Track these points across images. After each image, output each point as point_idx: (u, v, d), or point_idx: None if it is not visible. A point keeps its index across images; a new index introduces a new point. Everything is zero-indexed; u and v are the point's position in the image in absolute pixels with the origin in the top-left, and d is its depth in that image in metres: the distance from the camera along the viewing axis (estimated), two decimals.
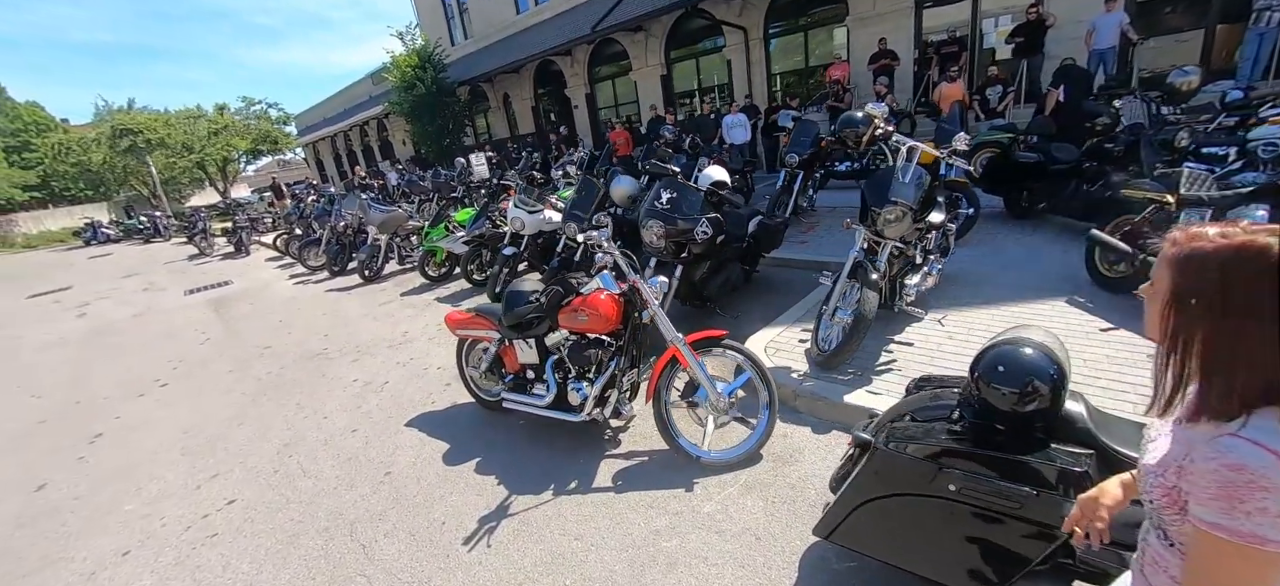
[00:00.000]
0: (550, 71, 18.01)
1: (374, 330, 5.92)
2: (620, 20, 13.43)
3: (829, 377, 3.29)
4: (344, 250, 9.19)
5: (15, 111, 43.55)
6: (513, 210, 5.79)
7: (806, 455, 2.84)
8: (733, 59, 13.39)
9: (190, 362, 5.89)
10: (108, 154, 26.67)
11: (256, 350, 5.93)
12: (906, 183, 3.17)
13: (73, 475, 3.81)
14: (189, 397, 4.89)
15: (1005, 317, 3.70)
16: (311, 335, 6.14)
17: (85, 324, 8.63)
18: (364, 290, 7.90)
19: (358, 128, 27.32)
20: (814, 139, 6.05)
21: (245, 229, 13.48)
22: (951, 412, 1.83)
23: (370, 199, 8.53)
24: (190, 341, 6.71)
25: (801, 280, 5.39)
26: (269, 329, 6.68)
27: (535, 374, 3.30)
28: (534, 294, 3.20)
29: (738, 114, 9.96)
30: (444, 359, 4.78)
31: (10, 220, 30.84)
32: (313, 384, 4.73)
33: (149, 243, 20.59)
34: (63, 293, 11.91)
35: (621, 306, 2.90)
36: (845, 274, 3.33)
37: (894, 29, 10.79)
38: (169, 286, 10.84)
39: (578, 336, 3.00)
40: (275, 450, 3.69)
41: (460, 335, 3.63)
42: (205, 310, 8.27)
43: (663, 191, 3.94)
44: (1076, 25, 9.01)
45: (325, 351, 5.51)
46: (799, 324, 4.09)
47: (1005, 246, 5.13)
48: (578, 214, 4.98)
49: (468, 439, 3.45)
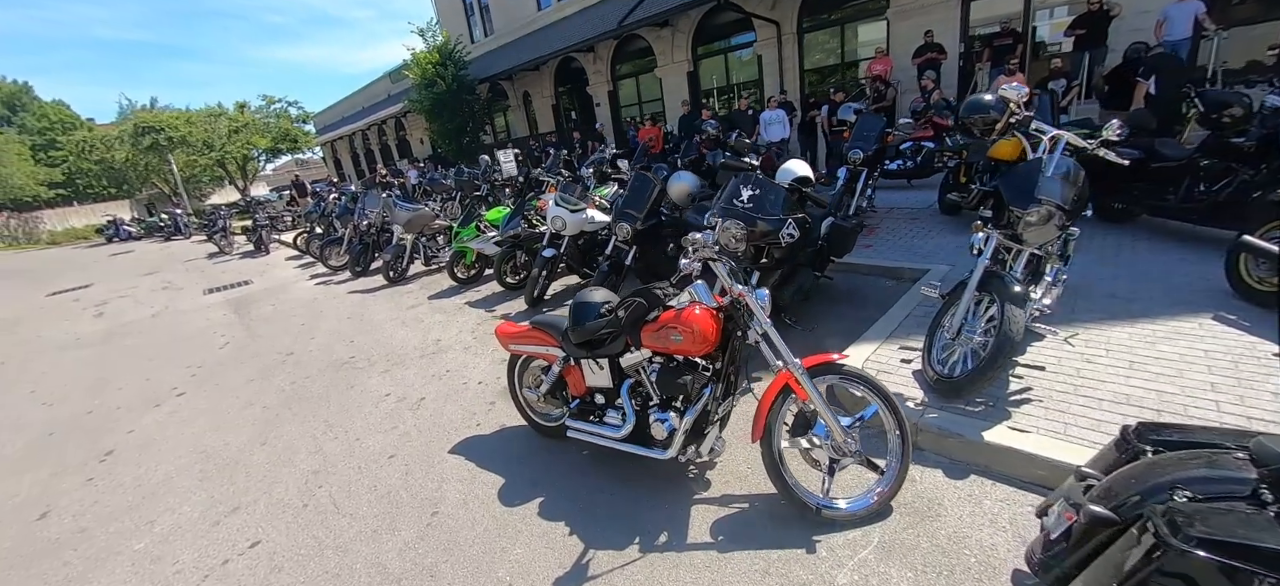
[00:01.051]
0: (571, 68, 17.56)
1: (403, 337, 5.45)
2: (648, 14, 12.91)
3: (953, 408, 2.75)
4: (367, 250, 8.77)
5: (41, 110, 44.14)
6: (553, 209, 5.30)
7: (948, 507, 2.31)
8: (764, 54, 12.82)
9: (209, 368, 5.47)
10: (130, 152, 26.63)
11: (278, 357, 5.49)
12: (1054, 177, 2.62)
13: (79, 501, 3.37)
14: (207, 410, 4.45)
15: (1147, 337, 3.14)
16: (336, 341, 5.69)
17: (103, 324, 8.29)
18: (389, 292, 7.45)
19: (376, 127, 27.10)
20: (879, 133, 5.50)
21: (265, 227, 13.16)
22: (1257, 493, 1.30)
23: (396, 197, 8.09)
24: (209, 345, 6.30)
25: (871, 287, 4.87)
26: (291, 333, 6.25)
27: (606, 399, 2.80)
28: (605, 306, 2.70)
29: (776, 110, 9.41)
30: (484, 372, 4.30)
31: (36, 217, 30.98)
32: (340, 398, 4.27)
33: (169, 240, 20.42)
34: (83, 290, 11.63)
35: (720, 324, 2.39)
36: (973, 285, 2.79)
37: (939, 22, 10.17)
38: (188, 285, 10.50)
39: (665, 359, 2.50)
40: (303, 478, 3.22)
41: (514, 351, 3.13)
42: (225, 311, 7.88)
43: (742, 188, 3.42)
44: (1142, 16, 8.37)
45: (352, 360, 5.05)
46: (894, 340, 3.55)
47: (1111, 254, 4.54)
48: (630, 213, 4.47)
49: (525, 472, 2.96)
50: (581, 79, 17.30)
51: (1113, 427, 2.46)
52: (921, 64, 9.80)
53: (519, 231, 5.88)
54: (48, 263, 18.56)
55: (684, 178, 4.83)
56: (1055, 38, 9.77)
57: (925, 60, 9.74)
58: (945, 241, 5.41)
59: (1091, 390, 2.75)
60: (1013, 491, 2.35)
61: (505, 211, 6.83)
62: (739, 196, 3.41)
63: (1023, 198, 2.62)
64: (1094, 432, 2.45)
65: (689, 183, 4.79)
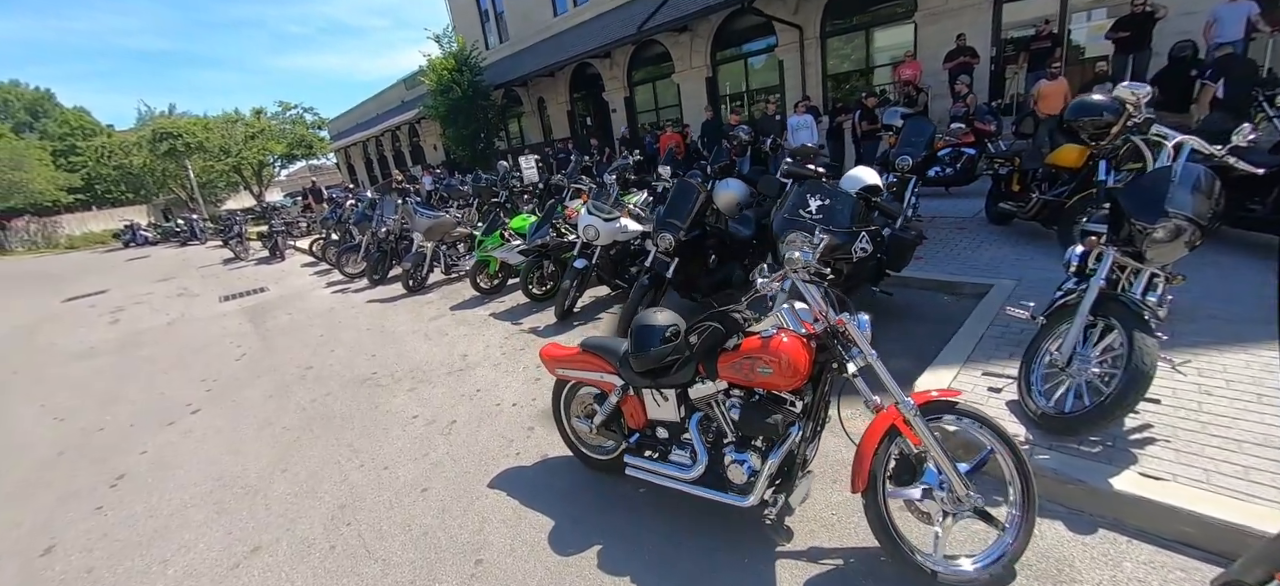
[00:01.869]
0: (587, 74, 17.35)
1: (427, 351, 5.16)
2: (668, 19, 12.66)
3: (1064, 448, 2.41)
4: (385, 258, 8.53)
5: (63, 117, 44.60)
6: (585, 217, 5.00)
7: (1081, 570, 1.97)
8: (785, 59, 12.54)
9: (224, 382, 5.20)
10: (148, 157, 26.72)
11: (297, 371, 5.22)
12: (1185, 188, 2.28)
13: (87, 533, 3.09)
14: (223, 429, 4.17)
15: (1268, 364, 2.78)
16: (357, 354, 5.41)
17: (118, 331, 8.08)
18: (409, 302, 7.18)
19: (390, 133, 27.05)
20: (929, 139, 5.16)
21: (281, 233, 12.97)
22: None
23: (416, 203, 7.83)
24: (224, 356, 6.04)
25: (927, 303, 4.53)
26: (309, 345, 5.98)
27: (670, 434, 2.48)
28: (670, 330, 2.38)
29: (804, 115, 9.09)
30: (518, 392, 3.99)
31: (55, 221, 31.22)
32: (365, 419, 3.97)
33: (185, 246, 20.35)
34: (99, 296, 11.47)
35: (812, 353, 2.07)
36: (1086, 308, 2.45)
37: (970, 25, 9.84)
38: (203, 292, 10.30)
39: (746, 392, 2.18)
40: (329, 513, 2.92)
41: (561, 375, 2.82)
42: (240, 320, 7.64)
43: (810, 198, 3.10)
44: (1188, 17, 7.99)
45: (375, 376, 4.76)
46: (974, 366, 3.20)
47: (1193, 268, 4.17)
48: (673, 222, 4.16)
49: (576, 512, 2.64)
50: (597, 85, 17.08)
51: (1265, 476, 2.11)
52: (953, 68, 9.47)
53: (547, 240, 5.58)
54: (66, 267, 18.53)
55: (732, 185, 4.52)
56: (1093, 40, 9.39)
57: (957, 64, 9.40)
58: (1001, 253, 5.05)
59: (1223, 428, 2.39)
60: (1157, 552, 2.00)
61: (531, 219, 6.55)
62: (806, 206, 3.09)
63: (1149, 211, 2.28)
64: (1244, 481, 2.10)
65: (737, 191, 4.48)
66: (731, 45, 13.83)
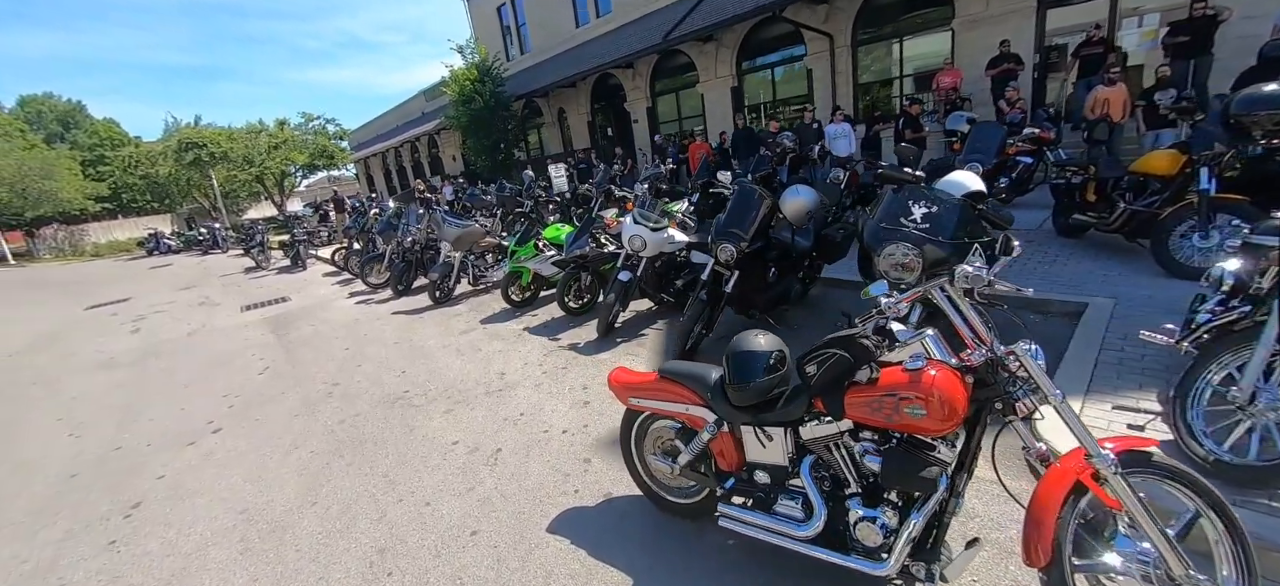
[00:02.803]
0: (608, 85, 17.14)
1: (461, 368, 4.82)
2: (694, 28, 12.39)
3: (1254, 504, 1.98)
4: (409, 268, 8.24)
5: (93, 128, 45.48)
6: (631, 227, 4.65)
7: None
8: (814, 68, 12.19)
9: (247, 398, 4.90)
10: (173, 167, 26.98)
11: (323, 387, 4.90)
12: None
13: (97, 575, 2.75)
14: (246, 452, 3.84)
15: None
16: (386, 370, 5.08)
17: (138, 341, 7.86)
18: (436, 314, 6.87)
19: (409, 144, 27.10)
20: (1000, 144, 4.76)
21: (303, 242, 12.81)
22: None
23: (444, 212, 7.55)
24: (247, 369, 5.75)
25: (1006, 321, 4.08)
26: (335, 358, 5.67)
27: (772, 479, 2.09)
28: (775, 356, 2.00)
29: (841, 123, 8.72)
30: (566, 416, 3.62)
31: (83, 229, 31.61)
32: (400, 444, 3.62)
33: (207, 254, 20.37)
34: (121, 304, 11.34)
35: (969, 391, 1.68)
36: (1270, 338, 2.03)
37: (1013, 31, 9.42)
38: (225, 301, 10.10)
39: (881, 435, 1.79)
40: (366, 559, 2.56)
41: (635, 406, 2.44)
42: (263, 330, 7.38)
43: (913, 205, 2.71)
44: (1253, 21, 7.54)
45: (407, 395, 4.42)
46: (1100, 398, 2.78)
47: None
48: (735, 232, 3.79)
49: (658, 570, 2.25)
50: (618, 95, 16.87)
51: None
52: (996, 75, 9.05)
53: (586, 251, 5.24)
54: (90, 274, 18.58)
55: (801, 193, 4.14)
56: (1145, 45, 8.94)
57: (1001, 71, 8.98)
58: (1084, 268, 4.62)
59: None
60: None
61: (565, 230, 6.22)
62: (907, 214, 2.71)
63: None
64: None
65: (807, 199, 4.10)
66: (758, 55, 13.53)
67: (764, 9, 10.96)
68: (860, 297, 2.12)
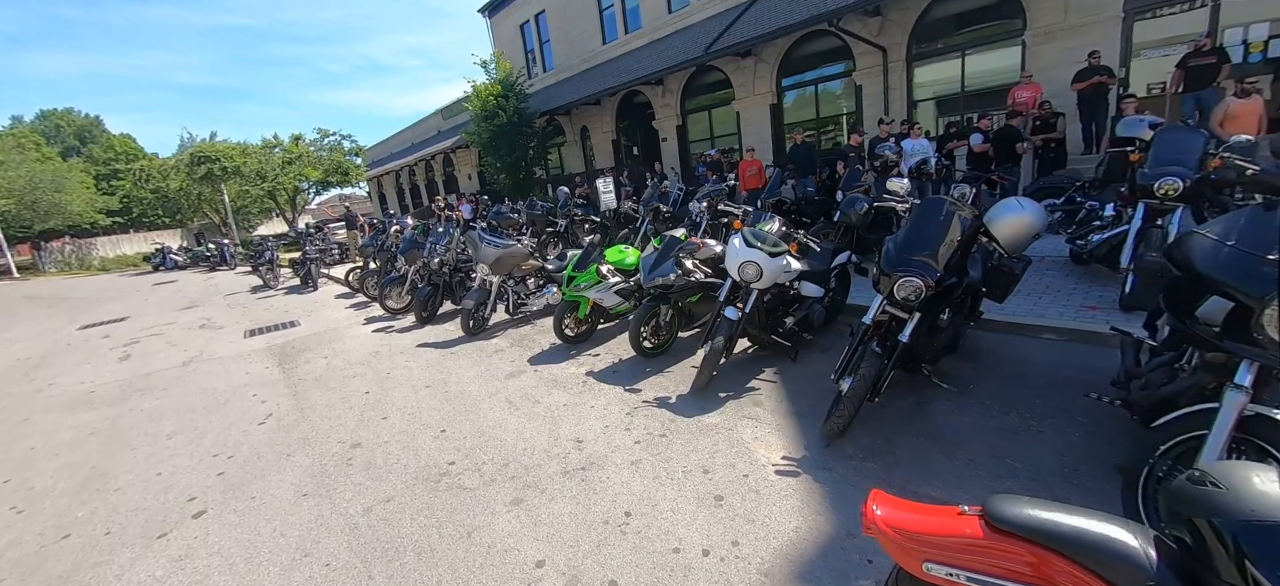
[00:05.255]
0: (634, 102, 16.28)
1: (518, 429, 3.67)
2: (737, 41, 11.50)
3: None
4: (436, 293, 7.15)
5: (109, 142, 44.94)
6: (742, 251, 3.55)
7: None
8: (865, 84, 11.25)
9: (243, 461, 3.75)
10: (185, 180, 26.10)
11: (339, 449, 3.75)
12: None
13: None
14: (234, 558, 2.68)
15: None
16: (420, 426, 3.94)
17: (127, 370, 6.72)
18: (471, 349, 5.74)
19: (424, 162, 26.28)
20: (1201, 156, 3.69)
21: (315, 261, 11.74)
22: None
23: (481, 230, 6.48)
24: (246, 417, 4.61)
25: None
26: (353, 406, 4.54)
27: None
28: None
29: (920, 139, 7.69)
30: (701, 526, 2.46)
31: (90, 243, 30.65)
32: (455, 558, 2.46)
33: (214, 270, 19.31)
34: (116, 325, 10.22)
35: None
36: None
37: (1096, 43, 8.47)
38: (228, 324, 8.99)
39: None
40: None
41: (938, 578, 1.31)
42: (267, 363, 6.25)
43: None
44: None
45: (453, 469, 3.27)
46: None
47: None
48: (923, 261, 2.68)
49: None
50: (645, 113, 15.97)
51: None
52: (1085, 89, 8.07)
53: (670, 280, 4.13)
54: (93, 290, 17.52)
55: (1026, 207, 3.04)
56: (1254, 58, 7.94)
57: (1091, 84, 8.00)
58: None
59: None
60: None
61: (631, 252, 5.14)
62: None
63: None
64: None
65: (1032, 215, 3.01)
66: (799, 71, 12.62)
67: (817, 18, 10.05)
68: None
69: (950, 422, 2.99)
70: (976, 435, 2.86)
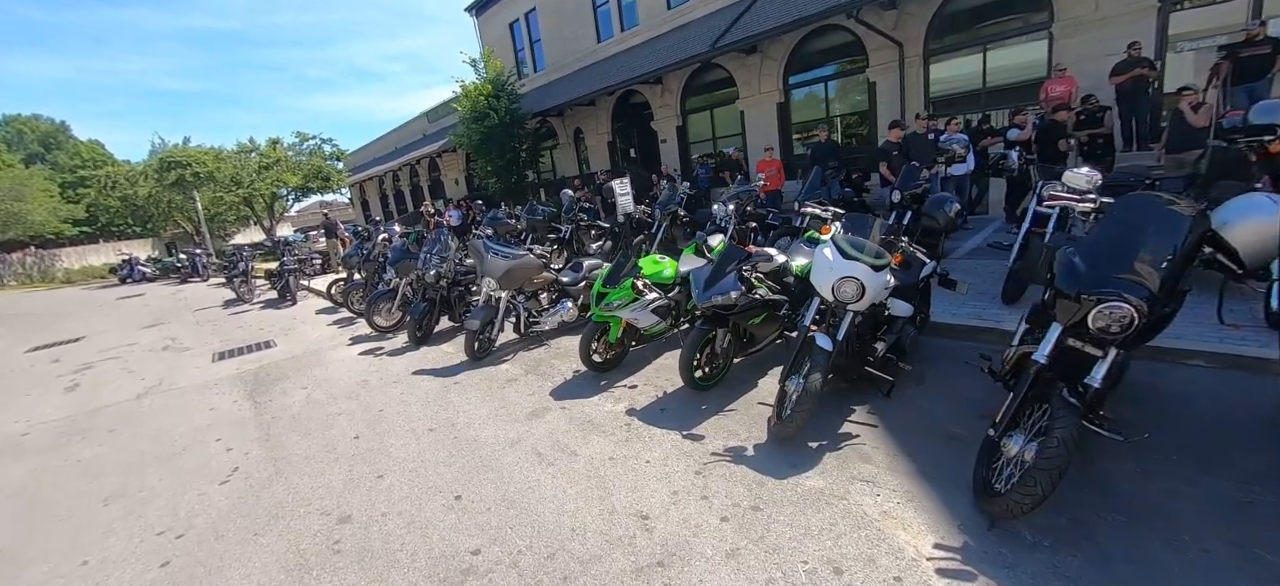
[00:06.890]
0: (630, 103, 15.49)
1: (558, 497, 2.83)
2: (744, 36, 10.79)
3: None
4: (433, 308, 6.24)
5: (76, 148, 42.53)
6: (838, 265, 2.77)
7: None
8: (878, 80, 10.63)
9: (197, 539, 2.85)
10: (154, 187, 24.50)
11: (323, 524, 2.87)
12: None
13: None
14: None
15: None
16: (427, 491, 3.07)
17: (71, 403, 5.70)
18: (477, 376, 4.87)
19: (408, 167, 25.09)
20: None
21: (293, 273, 10.67)
22: None
23: (487, 239, 5.61)
24: (206, 470, 3.69)
25: None
26: (340, 457, 3.64)
27: None
28: None
29: (959, 133, 7.04)
30: None
31: (54, 255, 28.67)
32: None
33: (185, 282, 17.94)
34: (69, 346, 9.06)
35: None
36: None
37: (1128, 35, 7.95)
38: (195, 345, 7.94)
39: None
40: None
41: None
42: (236, 395, 5.29)
43: None
44: None
45: (477, 561, 2.42)
46: None
47: None
48: (1130, 279, 1.94)
49: None
50: (642, 114, 15.19)
51: None
52: (1125, 83, 7.53)
53: (734, 298, 3.33)
54: (52, 305, 16.06)
55: (1261, 207, 2.32)
56: None
57: (1131, 77, 7.46)
58: None
59: None
60: None
61: (669, 264, 4.34)
62: None
63: None
64: None
65: (1273, 215, 2.28)
66: (806, 68, 11.97)
67: (832, 11, 9.39)
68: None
69: (1144, 491, 2.25)
70: (1189, 510, 2.12)
